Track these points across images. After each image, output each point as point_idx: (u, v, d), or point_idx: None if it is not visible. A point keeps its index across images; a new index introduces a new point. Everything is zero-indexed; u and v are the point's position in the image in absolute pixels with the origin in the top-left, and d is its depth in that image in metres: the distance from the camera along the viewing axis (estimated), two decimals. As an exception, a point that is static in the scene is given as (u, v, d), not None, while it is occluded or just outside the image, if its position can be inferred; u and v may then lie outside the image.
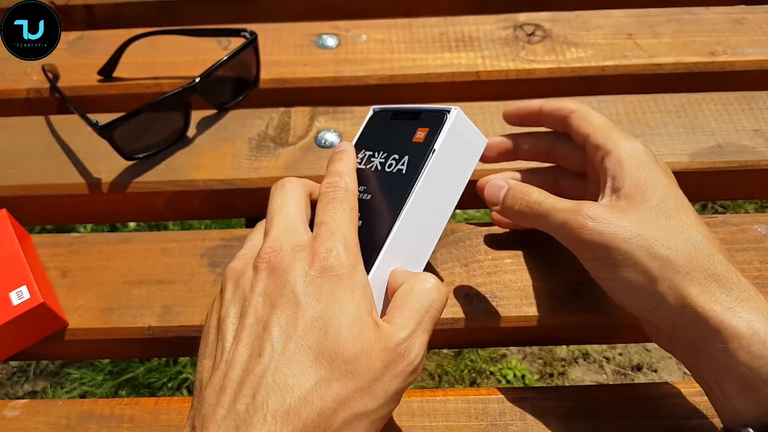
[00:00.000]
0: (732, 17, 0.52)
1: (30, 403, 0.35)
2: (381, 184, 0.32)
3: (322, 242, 0.27)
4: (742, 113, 0.45)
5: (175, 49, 0.52)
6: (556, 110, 0.35)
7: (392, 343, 0.25)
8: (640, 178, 0.30)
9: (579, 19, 0.53)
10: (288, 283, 0.26)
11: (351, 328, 0.25)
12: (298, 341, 0.25)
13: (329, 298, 0.26)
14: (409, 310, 0.27)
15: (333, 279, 0.26)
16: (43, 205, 0.44)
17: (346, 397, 0.24)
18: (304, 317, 0.25)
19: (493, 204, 0.34)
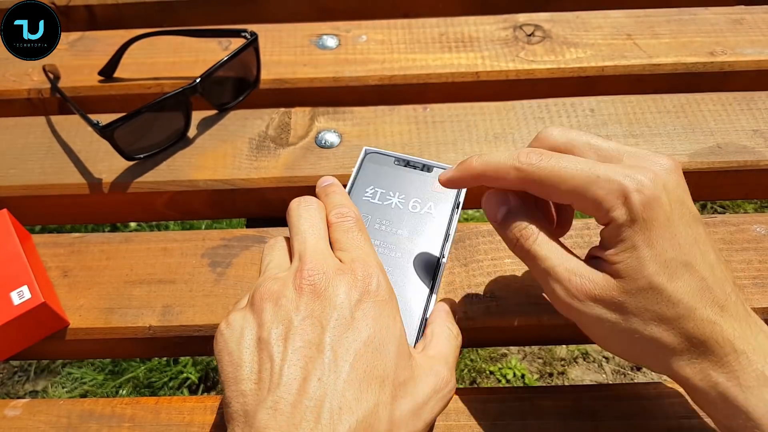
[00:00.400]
0: (731, 17, 0.52)
1: (31, 403, 0.35)
2: (410, 222, 0.35)
3: (361, 267, 0.28)
4: (741, 113, 0.45)
5: (175, 50, 0.52)
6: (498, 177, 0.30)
7: (436, 368, 0.28)
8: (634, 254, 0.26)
9: (578, 20, 0.53)
10: (336, 305, 0.26)
11: (399, 354, 0.26)
12: (354, 364, 0.25)
13: (377, 322, 0.26)
14: (445, 346, 0.30)
15: (379, 304, 0.27)
16: (44, 205, 0.44)
17: (400, 419, 0.25)
18: (356, 340, 0.25)
19: (491, 219, 0.31)
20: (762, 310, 0.36)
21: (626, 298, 0.26)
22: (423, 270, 0.34)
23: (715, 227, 0.40)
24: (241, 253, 0.40)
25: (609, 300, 0.27)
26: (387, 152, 0.38)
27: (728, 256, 0.38)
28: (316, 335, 0.25)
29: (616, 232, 0.26)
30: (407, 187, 0.37)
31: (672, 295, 0.26)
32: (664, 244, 0.26)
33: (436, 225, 0.35)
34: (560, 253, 0.28)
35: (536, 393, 0.34)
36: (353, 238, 0.30)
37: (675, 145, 0.43)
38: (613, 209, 0.26)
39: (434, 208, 0.36)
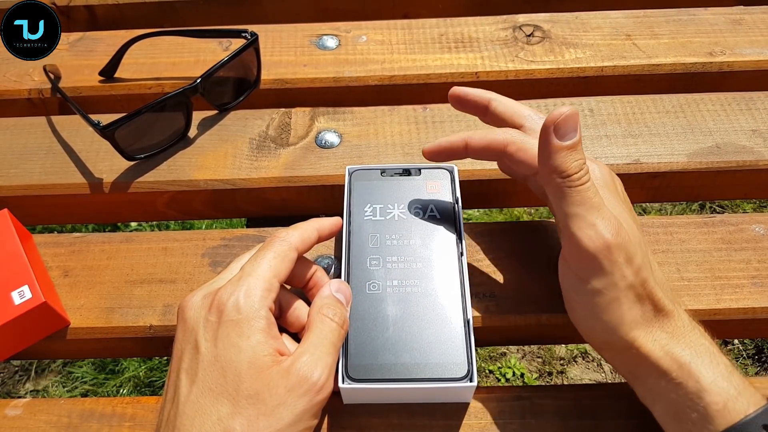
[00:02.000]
0: (730, 18, 0.52)
1: (32, 402, 0.35)
2: (418, 229, 0.36)
3: (226, 288, 0.29)
4: (740, 113, 0.45)
5: (176, 50, 0.52)
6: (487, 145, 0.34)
7: (294, 369, 0.28)
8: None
9: (578, 20, 0.53)
10: (191, 330, 0.29)
11: (249, 370, 0.27)
12: (200, 384, 0.27)
13: (225, 343, 0.28)
14: (310, 338, 0.30)
15: (228, 325, 0.28)
16: (45, 205, 0.44)
17: (250, 424, 0.26)
18: (203, 362, 0.28)
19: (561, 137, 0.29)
20: (761, 309, 0.36)
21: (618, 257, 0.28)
22: (448, 273, 0.34)
23: (713, 227, 0.40)
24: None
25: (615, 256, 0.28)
26: (370, 166, 0.39)
27: (727, 255, 0.38)
28: (176, 361, 0.29)
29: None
30: (403, 196, 0.37)
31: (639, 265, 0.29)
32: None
33: (444, 225, 0.36)
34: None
35: (535, 392, 0.34)
36: (255, 257, 0.31)
37: (674, 144, 0.44)
38: None
39: (436, 209, 0.36)
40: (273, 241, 0.31)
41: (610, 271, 0.28)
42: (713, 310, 0.36)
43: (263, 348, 0.28)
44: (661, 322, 0.29)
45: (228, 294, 0.29)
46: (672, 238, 0.39)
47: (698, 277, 0.38)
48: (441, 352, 0.32)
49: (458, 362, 0.31)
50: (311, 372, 0.28)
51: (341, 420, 0.33)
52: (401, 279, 0.34)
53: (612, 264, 0.28)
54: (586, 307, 0.29)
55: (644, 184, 0.43)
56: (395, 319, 0.33)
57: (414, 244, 0.35)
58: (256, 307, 0.29)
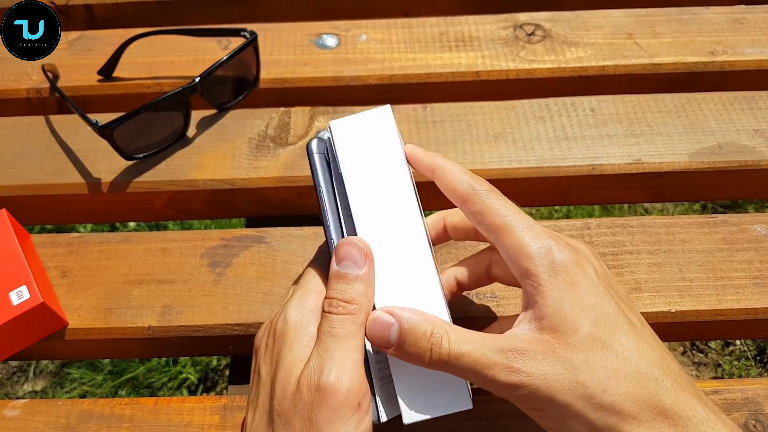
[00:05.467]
0: (732, 17, 0.52)
1: (30, 403, 0.35)
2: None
3: (280, 310, 0.29)
4: (741, 113, 0.45)
5: (175, 49, 0.52)
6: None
7: (303, 379, 0.25)
8: (565, 302, 0.25)
9: (579, 19, 0.53)
10: (256, 358, 0.29)
11: (280, 383, 0.26)
12: (260, 411, 0.27)
13: (275, 361, 0.27)
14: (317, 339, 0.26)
15: (280, 339, 0.28)
16: (43, 205, 0.44)
17: None
18: (261, 387, 0.27)
19: (383, 347, 0.26)
20: (763, 310, 0.36)
21: (571, 353, 0.25)
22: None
23: (715, 227, 0.40)
24: (240, 253, 0.40)
25: (554, 358, 0.25)
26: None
27: (729, 256, 0.38)
28: (251, 388, 0.29)
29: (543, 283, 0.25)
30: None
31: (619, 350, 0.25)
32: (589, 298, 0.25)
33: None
34: (481, 339, 0.25)
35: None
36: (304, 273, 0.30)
37: (675, 144, 0.43)
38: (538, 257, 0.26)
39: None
40: (318, 254, 0.31)
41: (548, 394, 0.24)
42: (715, 310, 0.36)
43: (304, 353, 0.26)
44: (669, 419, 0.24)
45: (280, 313, 0.28)
46: (674, 238, 0.39)
47: (700, 278, 0.37)
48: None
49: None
50: (317, 377, 0.25)
51: (341, 421, 0.33)
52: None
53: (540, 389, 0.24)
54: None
55: (646, 184, 0.43)
56: None
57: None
58: (304, 313, 0.27)
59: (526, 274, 0.26)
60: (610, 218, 0.41)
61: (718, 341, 0.96)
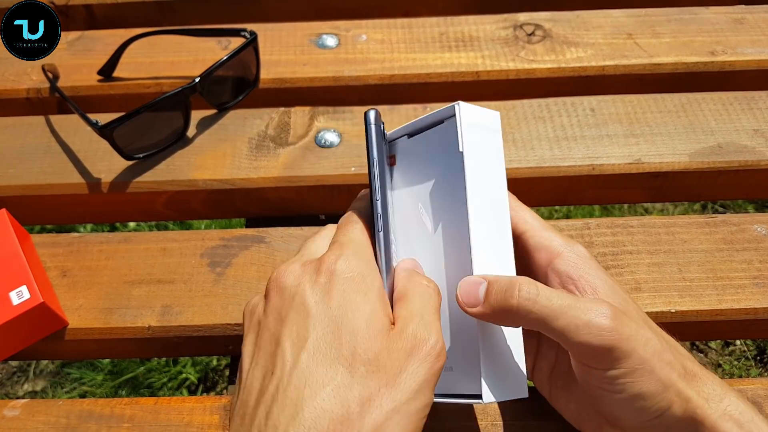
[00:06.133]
0: (732, 17, 0.52)
1: (30, 403, 0.35)
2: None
3: (330, 252, 0.27)
4: (741, 113, 0.45)
5: (175, 49, 0.52)
6: None
7: (409, 332, 0.25)
8: (606, 281, 0.29)
9: (579, 19, 0.53)
10: (297, 294, 0.26)
11: (368, 329, 0.24)
12: (311, 350, 0.24)
13: (341, 301, 0.25)
14: (414, 303, 0.26)
15: (344, 281, 0.25)
16: (43, 205, 0.44)
17: (370, 397, 0.23)
18: (316, 325, 0.24)
19: (471, 306, 0.27)
20: (763, 310, 0.36)
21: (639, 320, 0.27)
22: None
23: (715, 227, 0.40)
24: (240, 252, 0.40)
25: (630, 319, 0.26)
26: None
27: (729, 256, 0.38)
28: (277, 329, 0.25)
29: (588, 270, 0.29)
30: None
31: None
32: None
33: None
34: (569, 295, 0.27)
35: (537, 393, 0.34)
36: (343, 230, 0.28)
37: (675, 144, 0.43)
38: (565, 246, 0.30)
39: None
40: (351, 216, 0.29)
41: (632, 348, 0.25)
42: (715, 310, 0.36)
43: (381, 306, 0.25)
44: (694, 384, 0.27)
45: (336, 256, 0.26)
46: (674, 238, 0.39)
47: (700, 278, 0.37)
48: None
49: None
50: (427, 335, 0.25)
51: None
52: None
53: (628, 341, 0.25)
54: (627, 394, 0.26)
55: (646, 184, 0.43)
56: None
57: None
58: (368, 266, 0.26)
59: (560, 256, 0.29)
60: (610, 218, 0.41)
61: (718, 341, 0.96)
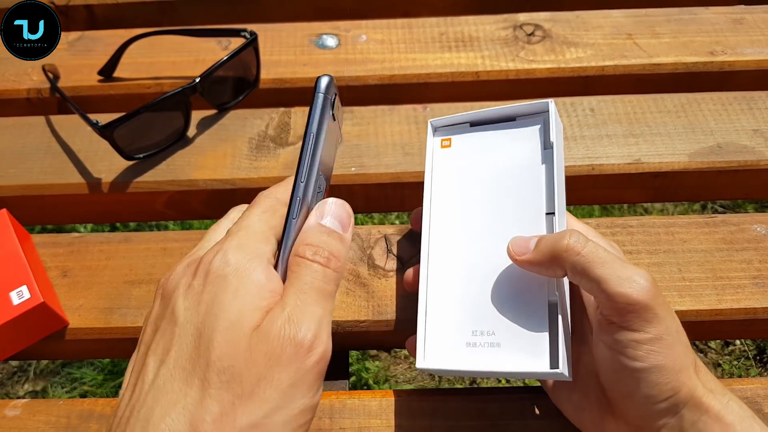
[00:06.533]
0: (731, 17, 0.52)
1: (30, 403, 0.35)
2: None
3: (212, 248, 0.24)
4: (741, 113, 0.45)
5: (175, 49, 0.52)
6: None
7: (273, 330, 0.21)
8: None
9: (578, 19, 0.53)
10: (170, 301, 0.23)
11: (228, 333, 0.21)
12: (171, 365, 0.21)
13: (208, 306, 0.22)
14: (290, 290, 0.23)
15: (217, 281, 0.22)
16: (44, 205, 0.44)
17: (223, 413, 0.20)
18: (180, 335, 0.22)
19: (519, 254, 0.29)
20: (763, 310, 0.36)
21: None
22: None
23: (715, 227, 0.40)
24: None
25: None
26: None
27: (728, 255, 0.38)
28: (147, 342, 0.23)
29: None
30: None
31: None
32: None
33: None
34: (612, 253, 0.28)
35: (536, 393, 0.34)
36: (242, 216, 0.26)
37: (675, 144, 0.43)
38: None
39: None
40: (257, 199, 0.27)
41: (664, 315, 0.26)
42: (715, 310, 0.36)
43: (254, 302, 0.22)
44: (701, 375, 0.27)
45: (214, 252, 0.23)
46: (673, 238, 0.39)
47: (699, 278, 0.37)
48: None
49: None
50: (295, 330, 0.21)
51: (341, 421, 0.33)
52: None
53: (661, 307, 0.26)
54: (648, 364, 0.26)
55: (645, 184, 0.43)
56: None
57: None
58: (250, 257, 0.23)
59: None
60: (609, 218, 0.41)
61: (717, 341, 0.97)
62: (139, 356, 0.24)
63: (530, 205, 0.32)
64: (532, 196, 0.32)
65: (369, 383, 1.00)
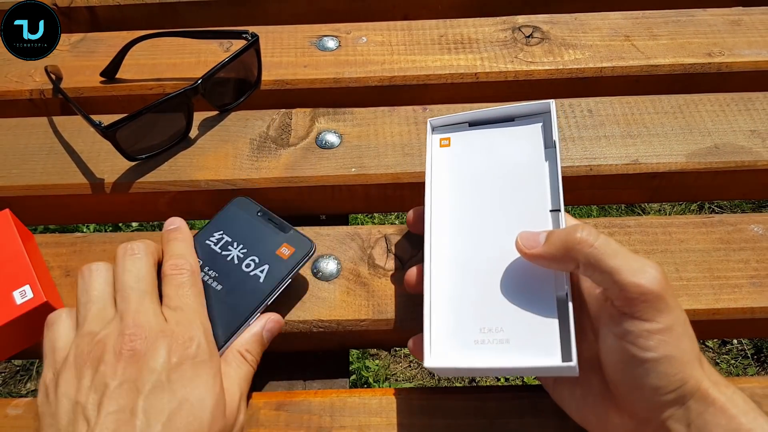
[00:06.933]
0: (729, 19, 0.53)
1: (33, 402, 0.35)
2: (236, 279, 0.35)
3: (183, 330, 0.29)
4: (738, 114, 0.45)
5: (177, 51, 0.52)
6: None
7: (233, 409, 0.30)
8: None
9: (577, 21, 0.53)
10: (154, 370, 0.28)
11: (215, 409, 0.28)
12: (167, 424, 0.26)
13: (194, 382, 0.28)
14: (231, 379, 0.31)
15: (197, 365, 0.29)
16: (47, 205, 0.45)
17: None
18: (171, 401, 0.27)
19: (529, 248, 0.30)
20: (760, 309, 0.36)
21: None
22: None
23: (712, 227, 0.40)
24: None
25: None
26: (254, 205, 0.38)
27: (725, 255, 0.39)
28: (130, 400, 0.27)
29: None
30: (253, 243, 0.37)
31: None
32: None
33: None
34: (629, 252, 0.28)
35: (535, 392, 0.34)
36: (183, 294, 0.31)
37: (672, 145, 0.44)
38: None
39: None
40: (183, 275, 0.32)
41: (674, 306, 0.27)
42: (712, 309, 0.37)
43: (222, 391, 0.30)
44: (705, 368, 0.28)
45: (189, 337, 0.29)
46: (671, 238, 0.40)
47: (697, 277, 0.38)
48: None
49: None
50: (240, 414, 0.30)
51: (341, 420, 0.34)
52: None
53: (672, 298, 0.27)
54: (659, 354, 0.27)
55: (643, 184, 0.44)
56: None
57: (215, 287, 0.34)
58: (214, 348, 0.31)
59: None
60: (607, 218, 0.41)
61: (715, 340, 0.97)
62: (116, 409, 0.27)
63: (534, 202, 0.33)
64: (535, 193, 0.33)
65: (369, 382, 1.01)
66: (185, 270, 0.32)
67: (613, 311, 0.28)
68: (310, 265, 0.39)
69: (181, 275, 0.32)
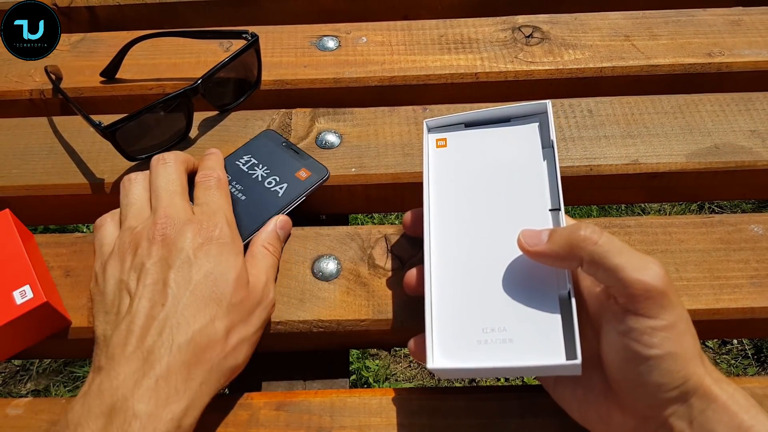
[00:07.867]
0: (729, 19, 0.53)
1: (33, 402, 0.35)
2: (258, 193, 0.40)
3: (207, 217, 0.34)
4: (738, 114, 0.46)
5: (177, 51, 0.52)
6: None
7: (258, 288, 0.34)
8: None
9: (577, 21, 0.53)
10: (182, 249, 0.32)
11: (237, 281, 0.32)
12: (194, 291, 0.31)
13: (218, 259, 0.33)
14: (259, 267, 0.35)
15: (220, 245, 0.33)
16: (47, 206, 0.45)
17: (232, 326, 0.32)
18: (197, 273, 0.32)
19: (532, 245, 0.30)
20: (760, 309, 0.36)
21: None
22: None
23: (712, 227, 0.40)
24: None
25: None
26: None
27: (725, 255, 0.39)
28: (163, 274, 0.32)
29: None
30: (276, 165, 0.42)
31: None
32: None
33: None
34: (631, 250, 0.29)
35: (535, 391, 0.34)
36: (210, 195, 0.37)
37: (672, 145, 0.44)
38: None
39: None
40: (211, 180, 0.37)
41: (677, 303, 0.27)
42: (712, 309, 0.37)
43: (244, 266, 0.34)
44: (707, 365, 0.28)
45: (213, 223, 0.34)
46: (671, 238, 0.40)
47: (697, 277, 0.38)
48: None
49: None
50: (269, 292, 0.35)
51: (341, 420, 0.34)
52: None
53: (674, 295, 0.27)
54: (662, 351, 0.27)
55: (643, 184, 0.44)
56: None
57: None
58: (235, 233, 0.35)
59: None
60: (607, 218, 0.41)
61: (715, 340, 0.97)
62: (152, 280, 0.32)
63: (533, 202, 0.33)
64: (534, 192, 0.33)
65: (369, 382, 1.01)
66: (213, 177, 0.37)
67: (616, 309, 0.28)
68: (311, 264, 0.39)
69: (209, 181, 0.37)
